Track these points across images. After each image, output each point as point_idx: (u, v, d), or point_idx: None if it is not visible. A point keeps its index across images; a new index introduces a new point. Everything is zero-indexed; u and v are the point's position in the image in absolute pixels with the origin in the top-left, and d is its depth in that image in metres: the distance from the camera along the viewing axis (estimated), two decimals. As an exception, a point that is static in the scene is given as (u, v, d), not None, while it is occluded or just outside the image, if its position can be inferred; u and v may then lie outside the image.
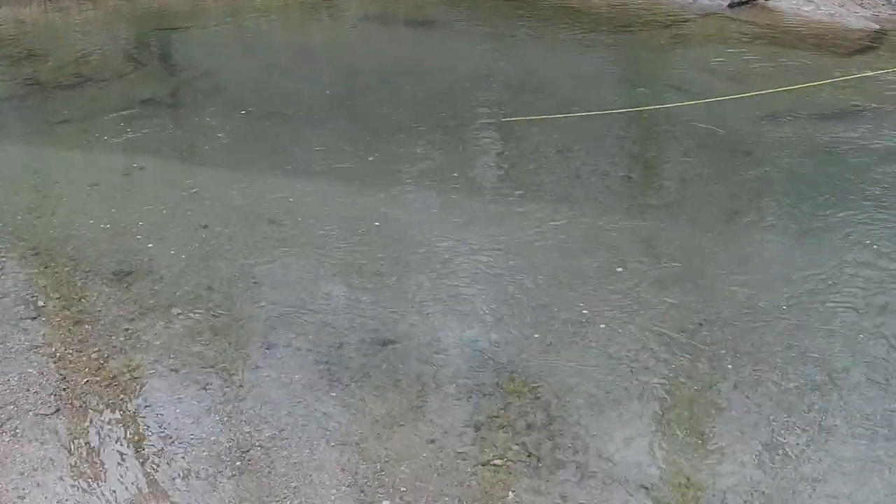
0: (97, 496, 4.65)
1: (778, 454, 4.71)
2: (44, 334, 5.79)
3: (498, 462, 4.73)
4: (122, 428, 5.06)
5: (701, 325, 5.63)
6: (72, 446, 4.95)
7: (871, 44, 9.61)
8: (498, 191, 7.24)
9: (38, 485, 4.70)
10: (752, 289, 5.93)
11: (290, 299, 6.01)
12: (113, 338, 5.72)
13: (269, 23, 11.37)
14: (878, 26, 9.74)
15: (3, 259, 6.53)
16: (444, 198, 7.12)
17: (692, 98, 8.49)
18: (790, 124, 7.98)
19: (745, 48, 9.85)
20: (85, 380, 5.39)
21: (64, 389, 5.33)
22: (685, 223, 6.70)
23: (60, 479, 4.74)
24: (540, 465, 4.71)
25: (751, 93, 8.24)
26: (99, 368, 5.48)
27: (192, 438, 4.96)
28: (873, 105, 8.30)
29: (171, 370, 5.45)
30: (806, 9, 10.49)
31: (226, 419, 5.08)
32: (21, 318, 5.93)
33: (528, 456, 4.76)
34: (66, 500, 4.63)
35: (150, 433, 5.01)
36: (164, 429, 5.03)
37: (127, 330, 5.78)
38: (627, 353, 5.44)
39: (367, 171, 7.59)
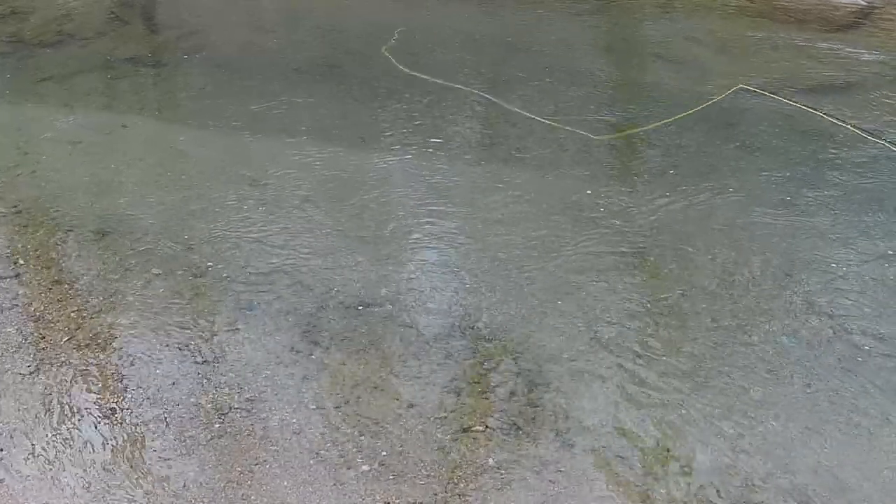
0: (75, 457, 4.64)
1: (761, 426, 4.74)
2: (23, 293, 5.76)
3: (479, 428, 4.74)
4: (100, 388, 5.04)
5: (682, 294, 5.65)
6: (50, 406, 4.93)
7: (858, 20, 9.58)
8: (480, 156, 7.21)
9: (16, 445, 4.69)
10: (733, 260, 5.94)
11: (271, 260, 5.99)
12: (93, 297, 5.70)
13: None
14: (865, 2, 9.71)
15: (-17, 217, 6.50)
16: (428, 162, 7.08)
17: (678, 67, 8.51)
18: (774, 98, 7.96)
19: (731, 20, 9.81)
20: (64, 339, 5.37)
21: (43, 349, 5.31)
22: (666, 194, 6.68)
23: (39, 439, 4.73)
24: (521, 432, 4.71)
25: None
26: (78, 328, 5.45)
27: (170, 400, 4.96)
28: (855, 81, 8.29)
29: (151, 330, 5.43)
30: (794, -19, 10.45)
31: (205, 381, 5.07)
32: (0, 277, 5.89)
33: (509, 423, 4.77)
34: (45, 460, 4.62)
35: (128, 394, 5.00)
36: (143, 390, 5.02)
37: (107, 290, 5.76)
38: (609, 322, 5.44)
39: (351, 134, 7.54)
